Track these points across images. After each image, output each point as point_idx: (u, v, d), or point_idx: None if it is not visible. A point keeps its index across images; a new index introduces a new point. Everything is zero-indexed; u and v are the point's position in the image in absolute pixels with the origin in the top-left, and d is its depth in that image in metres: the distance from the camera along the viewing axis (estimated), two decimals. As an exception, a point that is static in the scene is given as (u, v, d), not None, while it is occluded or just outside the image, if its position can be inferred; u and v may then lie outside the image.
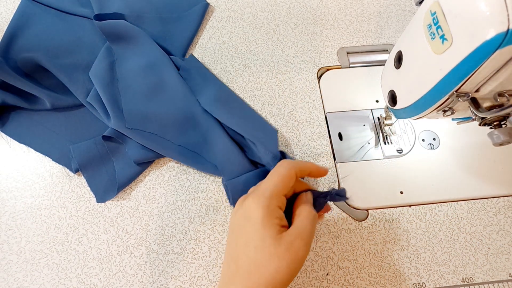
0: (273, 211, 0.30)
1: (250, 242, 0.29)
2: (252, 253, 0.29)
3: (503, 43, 0.23)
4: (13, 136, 0.45)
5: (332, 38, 0.53)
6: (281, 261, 0.28)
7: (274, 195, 0.30)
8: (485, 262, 0.40)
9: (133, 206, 0.42)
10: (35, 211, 0.42)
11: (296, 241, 0.29)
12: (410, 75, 0.33)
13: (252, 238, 0.29)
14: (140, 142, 0.42)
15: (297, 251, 0.29)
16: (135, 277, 0.39)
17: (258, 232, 0.29)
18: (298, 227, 0.30)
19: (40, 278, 0.39)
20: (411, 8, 0.56)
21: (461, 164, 0.45)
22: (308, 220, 0.30)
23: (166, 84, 0.46)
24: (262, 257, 0.29)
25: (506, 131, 0.30)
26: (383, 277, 0.40)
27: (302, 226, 0.30)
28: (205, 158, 0.44)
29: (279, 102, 0.49)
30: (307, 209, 0.31)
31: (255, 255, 0.29)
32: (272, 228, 0.29)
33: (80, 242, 0.40)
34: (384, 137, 0.47)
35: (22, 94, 0.45)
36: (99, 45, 0.50)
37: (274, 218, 0.29)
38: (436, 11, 0.27)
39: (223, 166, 0.42)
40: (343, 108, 0.48)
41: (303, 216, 0.31)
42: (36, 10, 0.51)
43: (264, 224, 0.29)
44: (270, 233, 0.29)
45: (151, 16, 0.52)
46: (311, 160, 0.45)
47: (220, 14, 0.55)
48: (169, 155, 0.43)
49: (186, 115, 0.45)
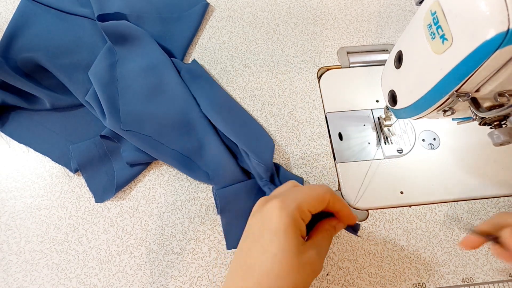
0: (298, 222, 0.27)
1: (268, 251, 0.27)
2: (269, 263, 0.26)
3: (503, 43, 0.23)
4: (13, 136, 0.45)
5: (332, 38, 0.53)
6: (301, 275, 0.26)
7: (303, 206, 0.28)
8: (485, 262, 0.40)
9: (132, 206, 0.42)
10: (35, 211, 0.42)
11: (315, 256, 0.27)
12: (410, 75, 0.33)
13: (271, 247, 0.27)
14: (135, 144, 0.42)
15: (314, 266, 0.27)
16: (135, 277, 0.39)
17: (279, 241, 0.27)
18: (319, 242, 0.29)
19: (39, 278, 0.39)
20: (411, 8, 0.56)
21: (461, 164, 0.45)
22: (327, 237, 0.29)
23: (166, 86, 0.46)
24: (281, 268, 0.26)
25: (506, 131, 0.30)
26: (383, 277, 0.39)
27: (323, 242, 0.29)
28: (198, 164, 0.43)
29: (279, 102, 0.49)
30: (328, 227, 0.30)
31: (272, 265, 0.26)
32: (295, 239, 0.27)
33: (79, 242, 0.40)
34: (384, 137, 0.47)
35: (22, 94, 0.45)
36: (99, 45, 0.50)
37: (297, 231, 0.27)
38: (436, 11, 0.27)
39: (215, 174, 0.42)
40: (343, 108, 0.48)
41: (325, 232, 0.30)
42: (36, 10, 0.51)
43: (288, 233, 0.27)
44: (292, 244, 0.26)
45: (151, 16, 0.52)
46: (311, 160, 0.45)
47: (220, 14, 0.55)
48: (163, 158, 0.43)
49: (183, 120, 0.45)
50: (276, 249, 0.26)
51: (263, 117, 0.48)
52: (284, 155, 0.45)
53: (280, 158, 0.45)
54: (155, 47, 0.48)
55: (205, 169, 0.43)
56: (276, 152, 0.45)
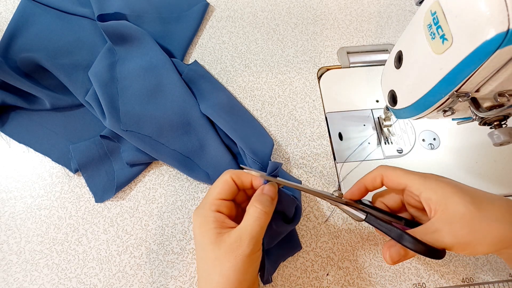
0: (208, 217, 0.30)
1: (196, 255, 0.32)
2: (200, 264, 0.31)
3: (503, 43, 0.23)
4: (12, 136, 0.45)
5: (332, 38, 0.53)
6: (224, 264, 0.29)
7: (212, 199, 0.31)
8: (485, 262, 0.40)
9: (132, 206, 0.42)
10: (35, 211, 0.42)
11: (237, 240, 0.29)
12: (410, 75, 0.33)
13: (197, 250, 0.31)
14: (135, 144, 0.42)
15: (239, 250, 0.29)
16: (135, 277, 0.39)
17: (198, 243, 0.31)
18: (241, 226, 0.30)
19: (39, 278, 0.39)
20: (411, 8, 0.56)
21: (461, 164, 0.45)
22: (251, 217, 0.30)
23: (166, 87, 0.46)
24: (206, 265, 0.30)
25: (506, 131, 0.30)
26: (383, 277, 0.39)
27: (245, 225, 0.30)
28: (198, 164, 0.43)
29: (279, 102, 0.49)
30: (252, 206, 0.31)
31: (202, 265, 0.30)
32: (208, 233, 0.30)
33: (79, 242, 0.40)
34: (384, 137, 0.47)
35: (22, 94, 0.45)
36: (99, 45, 0.50)
37: (210, 223, 0.30)
38: (436, 11, 0.27)
39: (215, 174, 0.42)
40: (343, 108, 0.48)
41: (248, 213, 0.31)
42: (36, 10, 0.51)
43: (202, 232, 0.30)
44: (207, 240, 0.30)
45: (151, 16, 0.52)
46: (311, 160, 0.45)
47: (220, 14, 0.55)
48: (162, 159, 0.43)
49: (183, 120, 0.45)
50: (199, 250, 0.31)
51: (263, 117, 0.48)
52: (284, 155, 0.45)
53: (280, 158, 0.45)
54: (156, 47, 0.48)
55: (205, 169, 0.43)
56: (276, 152, 0.45)
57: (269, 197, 0.32)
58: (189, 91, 0.46)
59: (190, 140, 0.44)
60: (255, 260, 0.31)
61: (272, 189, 0.32)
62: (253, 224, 0.30)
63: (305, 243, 0.41)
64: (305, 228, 0.42)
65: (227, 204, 0.32)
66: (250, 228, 0.30)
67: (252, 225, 0.30)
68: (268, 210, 0.31)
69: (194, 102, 0.45)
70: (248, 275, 0.30)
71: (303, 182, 0.44)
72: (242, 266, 0.29)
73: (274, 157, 0.45)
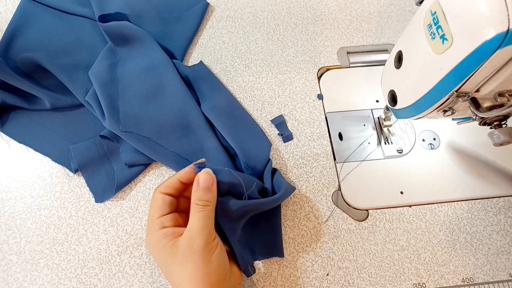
0: (157, 237, 0.31)
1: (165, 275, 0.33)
2: (171, 280, 0.32)
3: (503, 43, 0.23)
4: (12, 136, 0.45)
5: (332, 38, 0.53)
6: (186, 266, 0.30)
7: (152, 224, 0.33)
8: (485, 262, 0.40)
9: (132, 206, 0.42)
10: (35, 211, 0.42)
11: (189, 239, 0.30)
12: (410, 75, 0.33)
13: (163, 271, 0.33)
14: (134, 145, 0.42)
15: (194, 246, 0.30)
16: (135, 277, 0.39)
17: (161, 264, 0.32)
18: (189, 226, 0.31)
19: (39, 278, 0.39)
20: (411, 8, 0.56)
21: (461, 164, 0.45)
22: (194, 213, 0.31)
23: (166, 88, 0.46)
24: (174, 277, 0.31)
25: (506, 131, 0.30)
26: (383, 277, 0.39)
27: (191, 222, 0.31)
28: None
29: (279, 102, 0.49)
30: (192, 204, 0.32)
31: (171, 279, 0.31)
32: (163, 250, 0.31)
33: (79, 242, 0.40)
34: (384, 137, 0.47)
35: (22, 94, 0.45)
36: (99, 45, 0.50)
37: (161, 241, 0.31)
38: (436, 11, 0.27)
39: None
40: (343, 108, 0.48)
41: (191, 211, 0.32)
42: (36, 10, 0.51)
43: (158, 252, 0.31)
44: (165, 255, 0.31)
45: (151, 16, 0.52)
46: (311, 160, 0.45)
47: (220, 14, 0.55)
48: (161, 160, 0.43)
49: (182, 122, 0.45)
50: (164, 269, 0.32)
51: (263, 117, 0.48)
52: (284, 155, 0.45)
53: (280, 158, 0.45)
54: (157, 49, 0.48)
55: None
56: (276, 152, 0.46)
57: (204, 187, 0.32)
58: (189, 93, 0.46)
59: (189, 142, 0.44)
60: (214, 249, 0.31)
61: (206, 177, 0.33)
62: (198, 218, 0.31)
63: (305, 243, 0.41)
64: (305, 228, 0.42)
65: (170, 217, 0.33)
66: (197, 223, 0.31)
67: (198, 219, 0.31)
68: (207, 199, 0.32)
69: (194, 104, 0.45)
70: (213, 265, 0.30)
71: (303, 182, 0.44)
72: (203, 259, 0.30)
73: (274, 157, 0.45)
